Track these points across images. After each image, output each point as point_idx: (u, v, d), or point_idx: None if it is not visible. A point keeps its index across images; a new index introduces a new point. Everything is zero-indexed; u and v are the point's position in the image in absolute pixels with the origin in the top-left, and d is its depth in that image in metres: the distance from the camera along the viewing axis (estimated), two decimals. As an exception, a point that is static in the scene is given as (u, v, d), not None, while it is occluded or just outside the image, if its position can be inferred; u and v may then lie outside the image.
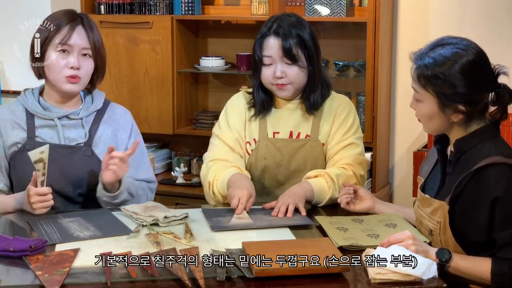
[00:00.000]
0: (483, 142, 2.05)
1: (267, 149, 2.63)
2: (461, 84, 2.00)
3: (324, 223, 2.26)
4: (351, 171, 2.57)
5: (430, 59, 2.03)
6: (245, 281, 1.81)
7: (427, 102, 2.06)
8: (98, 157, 2.48)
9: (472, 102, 2.03)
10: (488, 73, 2.06)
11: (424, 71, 2.03)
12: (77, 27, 2.43)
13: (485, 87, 2.05)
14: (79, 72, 2.43)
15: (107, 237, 2.13)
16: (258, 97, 2.65)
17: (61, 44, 2.41)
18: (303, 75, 2.59)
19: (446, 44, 2.06)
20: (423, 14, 3.98)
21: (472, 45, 2.07)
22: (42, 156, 2.22)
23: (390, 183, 4.17)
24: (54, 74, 2.44)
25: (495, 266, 1.95)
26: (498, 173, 1.97)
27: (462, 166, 2.05)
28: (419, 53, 2.08)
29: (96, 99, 2.56)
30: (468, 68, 2.01)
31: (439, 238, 2.07)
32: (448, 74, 2.00)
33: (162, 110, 4.23)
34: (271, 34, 2.57)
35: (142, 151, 2.59)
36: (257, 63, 2.61)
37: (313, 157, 2.62)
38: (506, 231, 1.96)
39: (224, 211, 2.39)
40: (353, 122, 2.66)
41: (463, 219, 2.02)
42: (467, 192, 2.01)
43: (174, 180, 4.21)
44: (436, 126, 2.10)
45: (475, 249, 2.02)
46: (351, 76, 4.06)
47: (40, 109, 2.49)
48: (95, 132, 2.51)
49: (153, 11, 4.31)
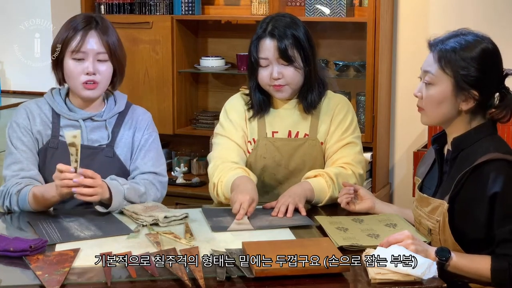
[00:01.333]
0: (481, 140, 2.07)
1: (266, 149, 2.63)
2: (478, 68, 2.04)
3: (324, 223, 2.26)
4: (350, 170, 2.57)
5: (453, 43, 2.07)
6: (245, 281, 1.81)
7: (442, 84, 2.07)
8: (119, 157, 2.51)
9: (484, 91, 2.06)
10: (500, 69, 2.11)
11: (446, 54, 2.06)
12: (90, 32, 2.44)
13: (495, 81, 2.08)
14: (96, 77, 2.44)
15: (107, 237, 2.13)
16: (255, 98, 2.65)
17: (76, 51, 2.42)
18: (300, 76, 2.59)
19: (467, 33, 2.11)
20: (423, 14, 3.98)
21: (490, 38, 2.13)
22: (74, 141, 2.21)
23: (390, 183, 4.18)
24: (71, 81, 2.46)
25: (494, 263, 1.96)
26: (497, 169, 1.98)
27: (460, 164, 2.06)
28: (439, 39, 2.12)
29: (119, 102, 2.58)
30: (487, 54, 2.07)
31: (438, 237, 2.07)
32: (469, 56, 2.04)
33: (162, 110, 4.23)
34: (266, 35, 2.57)
35: (155, 146, 2.59)
36: (253, 65, 2.61)
37: (311, 156, 2.63)
38: (505, 227, 1.96)
39: (224, 211, 2.39)
40: (352, 121, 2.66)
41: (462, 216, 2.03)
42: (466, 189, 2.02)
43: (174, 180, 4.21)
44: (444, 112, 2.10)
45: (474, 248, 2.02)
46: (351, 76, 4.07)
47: (66, 110, 2.51)
48: (117, 133, 2.53)
49: (153, 11, 4.31)
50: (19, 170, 2.42)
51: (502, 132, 3.52)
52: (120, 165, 2.50)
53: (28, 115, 2.49)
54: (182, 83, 4.33)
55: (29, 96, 4.13)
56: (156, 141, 2.60)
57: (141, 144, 2.54)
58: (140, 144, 2.54)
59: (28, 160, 2.45)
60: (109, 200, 2.33)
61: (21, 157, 2.44)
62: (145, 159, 2.53)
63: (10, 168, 2.44)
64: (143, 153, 2.54)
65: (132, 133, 2.55)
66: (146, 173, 2.52)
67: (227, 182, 2.49)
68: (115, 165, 2.49)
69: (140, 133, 2.56)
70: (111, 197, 2.32)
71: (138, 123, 2.57)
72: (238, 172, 2.50)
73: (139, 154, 2.53)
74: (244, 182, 2.43)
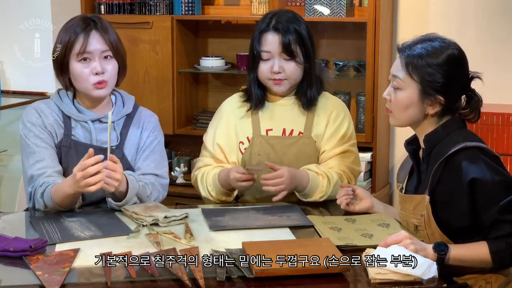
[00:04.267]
0: (451, 134, 2.12)
1: (261, 146, 2.65)
2: (443, 74, 2.09)
3: (318, 223, 2.26)
4: (346, 179, 2.62)
5: (420, 49, 2.12)
6: (245, 281, 1.81)
7: (409, 89, 2.13)
8: (127, 158, 2.52)
9: (450, 96, 2.11)
10: (466, 73, 2.15)
11: (413, 60, 2.11)
12: (91, 32, 2.44)
13: (461, 85, 2.14)
14: (105, 76, 2.45)
15: (107, 237, 2.13)
16: (254, 92, 2.67)
17: (81, 53, 2.42)
18: (300, 71, 2.61)
19: (434, 39, 2.15)
20: (423, 14, 3.98)
21: (456, 44, 2.17)
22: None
23: (390, 183, 4.17)
24: (81, 84, 2.46)
25: (492, 246, 1.99)
26: (469, 157, 2.03)
27: (435, 159, 2.11)
28: (407, 44, 2.17)
29: (127, 103, 2.59)
30: (452, 60, 2.11)
31: (425, 231, 2.11)
32: (435, 63, 2.09)
33: (162, 110, 4.23)
34: (270, 29, 2.59)
35: (159, 149, 2.60)
36: (255, 58, 2.63)
37: (305, 154, 2.64)
38: (491, 209, 2.00)
39: (224, 211, 2.40)
40: (348, 128, 2.69)
41: (445, 208, 2.07)
42: (444, 180, 2.06)
43: (174, 180, 4.21)
44: (411, 116, 2.15)
45: (461, 237, 2.06)
46: (351, 76, 4.07)
47: (75, 111, 2.51)
48: (125, 135, 2.54)
49: (153, 11, 4.32)
50: (45, 168, 2.41)
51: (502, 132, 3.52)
52: (128, 166, 2.51)
53: (40, 113, 2.48)
54: (182, 83, 4.33)
55: (29, 96, 4.12)
56: (161, 144, 2.62)
57: (146, 145, 2.56)
58: (145, 145, 2.56)
59: (51, 157, 2.44)
60: (122, 194, 2.34)
61: (44, 154, 2.43)
62: (148, 160, 2.54)
63: (35, 167, 2.42)
64: (146, 154, 2.55)
65: (139, 133, 2.57)
66: (148, 174, 2.52)
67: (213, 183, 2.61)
68: (124, 166, 2.48)
69: (146, 134, 2.58)
70: (126, 191, 2.33)
71: (145, 124, 2.59)
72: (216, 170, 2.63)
73: (142, 154, 2.54)
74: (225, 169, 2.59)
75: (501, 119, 3.52)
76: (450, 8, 3.92)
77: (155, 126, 2.62)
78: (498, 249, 1.99)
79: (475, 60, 2.32)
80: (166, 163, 2.62)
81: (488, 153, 2.05)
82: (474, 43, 3.79)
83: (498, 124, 3.53)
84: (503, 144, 3.52)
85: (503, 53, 3.84)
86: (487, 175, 2.01)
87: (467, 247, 2.02)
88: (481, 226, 2.03)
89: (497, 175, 2.02)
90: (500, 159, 2.09)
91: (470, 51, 2.24)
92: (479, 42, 3.83)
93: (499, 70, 3.80)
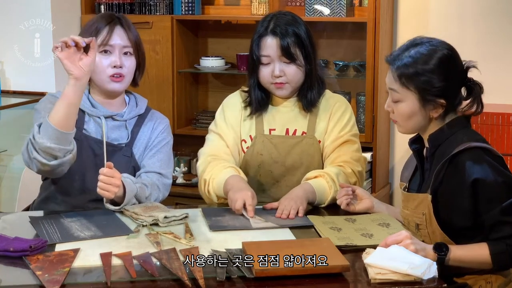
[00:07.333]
0: (455, 134, 2.12)
1: (264, 145, 2.64)
2: (439, 78, 2.08)
3: (318, 223, 2.26)
4: (349, 168, 2.57)
5: (408, 58, 2.10)
6: (245, 281, 1.81)
7: (408, 100, 2.12)
8: (135, 157, 2.54)
9: (450, 95, 2.10)
10: (460, 67, 2.14)
11: (404, 70, 2.10)
12: (115, 27, 2.49)
13: (458, 80, 2.13)
14: (122, 70, 2.49)
15: (107, 237, 2.13)
16: (254, 95, 2.65)
17: (103, 45, 2.46)
18: (301, 74, 2.60)
19: (420, 43, 2.13)
20: (423, 14, 3.98)
21: (443, 42, 2.15)
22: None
23: (390, 183, 4.18)
24: (98, 75, 2.48)
25: (492, 247, 2.00)
26: (473, 157, 2.03)
27: (439, 159, 2.10)
28: (395, 54, 2.15)
29: (140, 104, 2.62)
30: (444, 61, 2.09)
31: (426, 230, 2.11)
32: (427, 69, 2.08)
33: (162, 110, 4.15)
34: (268, 33, 2.58)
35: (167, 150, 2.61)
36: (254, 63, 2.62)
37: (309, 154, 2.63)
38: (492, 210, 2.00)
39: (224, 211, 2.40)
40: (349, 119, 2.66)
41: (447, 207, 2.07)
42: (446, 180, 2.06)
43: (174, 180, 4.20)
44: (416, 123, 2.15)
45: (462, 237, 2.06)
46: (351, 76, 4.07)
47: (89, 105, 2.53)
48: (136, 134, 2.56)
49: (153, 11, 4.32)
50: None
51: (502, 132, 3.52)
52: (135, 164, 2.54)
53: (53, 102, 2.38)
54: (182, 83, 4.33)
55: (29, 96, 4.12)
56: (169, 146, 2.63)
57: (154, 144, 2.58)
58: (153, 144, 2.58)
59: None
60: (120, 198, 2.34)
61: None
62: (154, 158, 2.55)
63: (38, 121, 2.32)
64: (153, 152, 2.56)
65: (149, 133, 2.59)
66: (152, 172, 2.53)
67: (219, 181, 2.49)
68: (131, 165, 2.54)
69: (155, 134, 2.60)
70: (123, 195, 2.34)
71: (155, 125, 2.61)
72: (230, 171, 2.51)
73: (149, 153, 2.56)
74: (238, 181, 2.45)
75: (501, 119, 3.52)
76: (450, 8, 3.92)
77: (165, 128, 2.64)
78: (498, 251, 1.99)
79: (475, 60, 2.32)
80: (171, 165, 2.63)
81: (492, 154, 2.05)
82: (474, 43, 3.79)
83: (498, 124, 3.53)
84: (503, 144, 3.52)
85: (503, 53, 3.84)
86: (490, 176, 2.00)
87: (467, 248, 2.01)
88: (482, 226, 2.03)
89: (500, 176, 2.02)
90: (504, 160, 2.09)
91: (470, 51, 2.24)
92: (479, 42, 3.83)
93: (499, 70, 3.80)
